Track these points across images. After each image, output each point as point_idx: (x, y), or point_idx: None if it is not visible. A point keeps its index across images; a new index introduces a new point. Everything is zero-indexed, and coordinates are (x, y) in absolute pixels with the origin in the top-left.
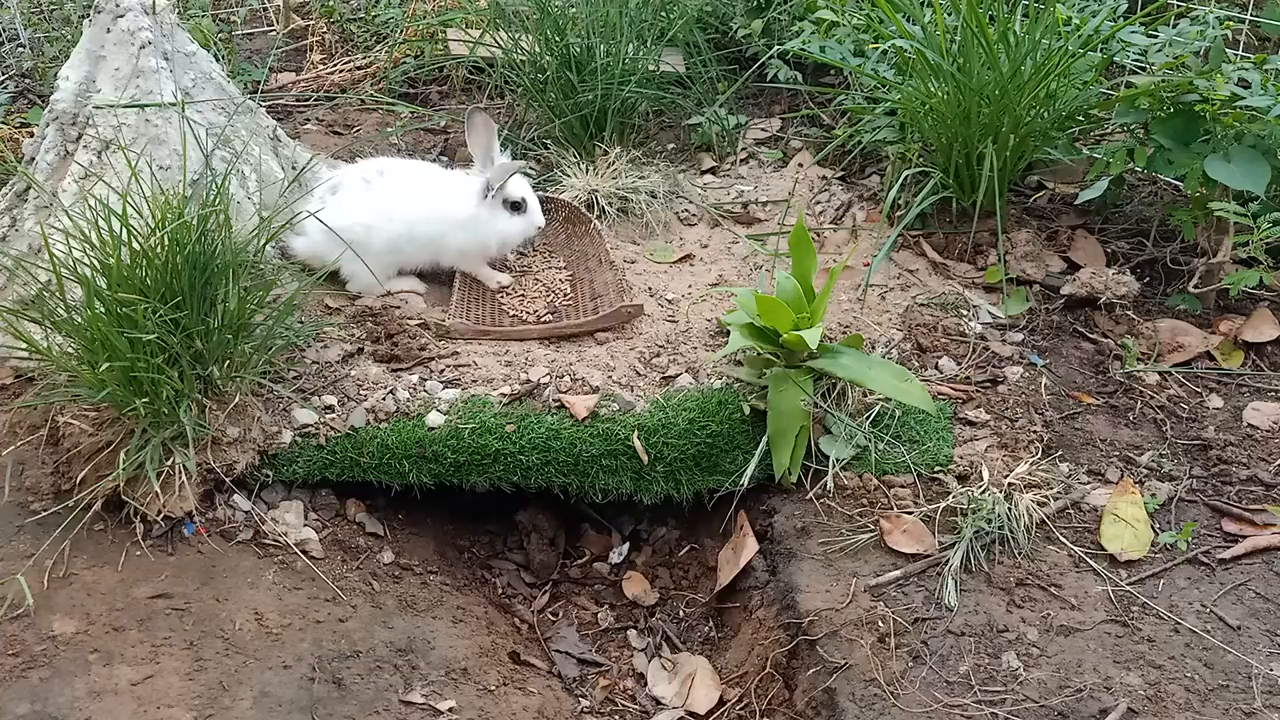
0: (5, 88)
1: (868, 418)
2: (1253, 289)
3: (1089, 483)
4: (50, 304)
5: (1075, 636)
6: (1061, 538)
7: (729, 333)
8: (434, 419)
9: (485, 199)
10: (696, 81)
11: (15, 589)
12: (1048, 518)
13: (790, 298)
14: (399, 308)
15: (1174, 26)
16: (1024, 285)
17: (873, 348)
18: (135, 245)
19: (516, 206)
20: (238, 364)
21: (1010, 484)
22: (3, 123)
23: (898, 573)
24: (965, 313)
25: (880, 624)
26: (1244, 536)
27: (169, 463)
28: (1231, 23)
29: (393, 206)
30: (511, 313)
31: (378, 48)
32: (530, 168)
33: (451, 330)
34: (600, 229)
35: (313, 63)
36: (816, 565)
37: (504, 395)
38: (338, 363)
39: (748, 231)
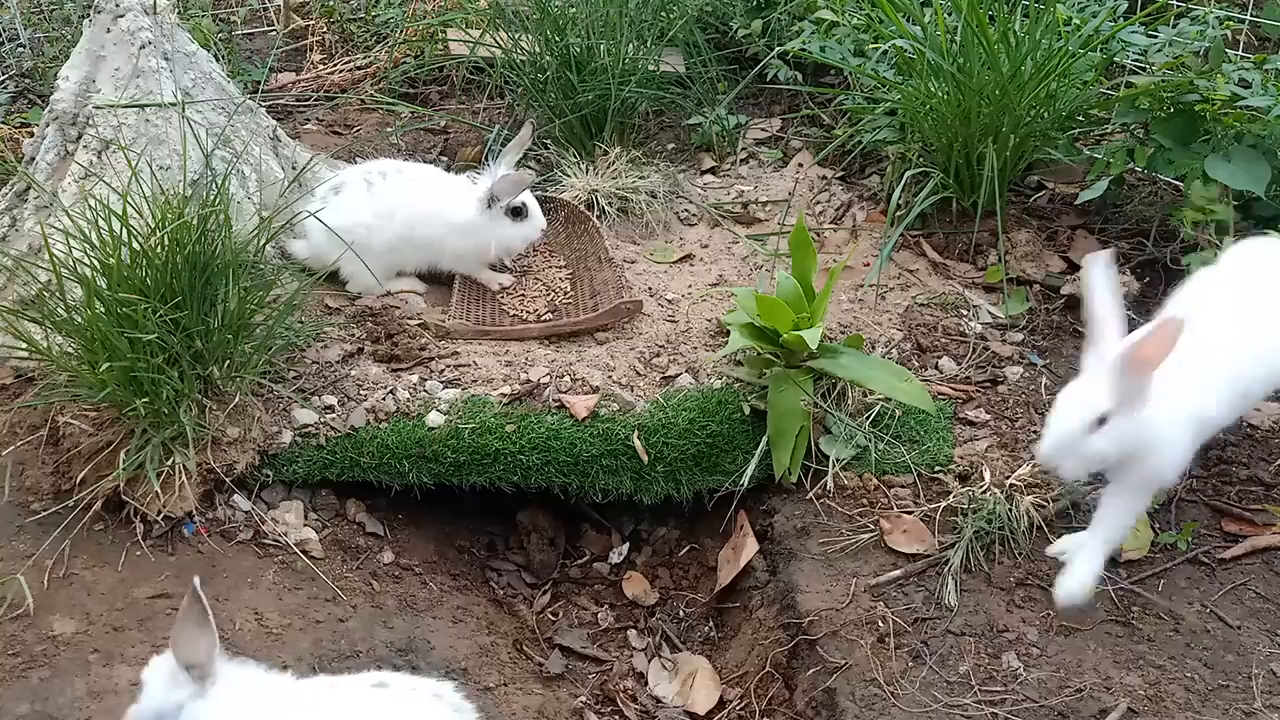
0: (5, 88)
1: (868, 418)
2: None
3: (1089, 483)
4: (50, 304)
5: (1075, 636)
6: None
7: (729, 333)
8: (434, 419)
9: (488, 208)
10: (696, 81)
11: (15, 589)
12: (1048, 518)
13: (790, 298)
14: (399, 308)
15: (1174, 26)
16: (1024, 285)
17: (873, 348)
18: (135, 245)
19: (517, 212)
20: (238, 364)
21: (1011, 484)
22: (3, 123)
23: (898, 573)
24: (965, 313)
25: (880, 624)
26: (1244, 536)
27: (169, 463)
28: (1231, 23)
29: (393, 208)
30: (512, 312)
31: (378, 48)
32: (530, 167)
33: (451, 330)
34: (599, 228)
35: (313, 63)
36: (816, 565)
37: (504, 395)
38: (338, 363)
39: (748, 231)
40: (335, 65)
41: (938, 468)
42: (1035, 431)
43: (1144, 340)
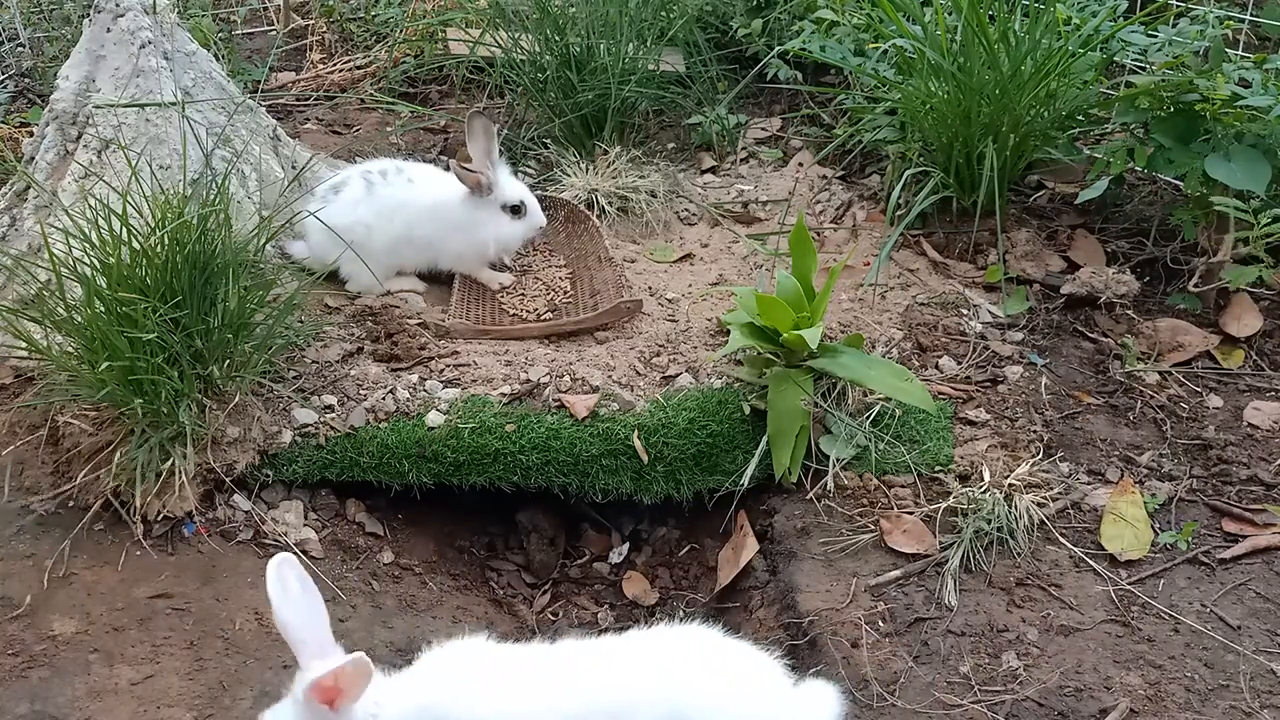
0: (5, 87)
1: (868, 417)
2: (1252, 287)
3: (1089, 483)
4: (50, 303)
5: (1075, 636)
6: (1061, 538)
7: (729, 332)
8: (434, 419)
9: (474, 199)
10: (696, 81)
11: (15, 589)
12: (1048, 518)
13: (790, 297)
14: (399, 307)
15: (1174, 26)
16: (1024, 285)
17: (873, 347)
18: (135, 245)
19: (516, 210)
20: (238, 363)
21: (1010, 484)
22: (3, 122)
23: (898, 573)
24: (965, 312)
25: (880, 624)
26: (1244, 536)
27: (169, 463)
28: (1231, 22)
29: (393, 207)
30: (511, 312)
31: (378, 47)
32: (530, 167)
33: (451, 329)
34: (599, 227)
35: (313, 62)
36: (817, 565)
37: (504, 395)
38: (338, 362)
39: (748, 231)
40: (335, 65)
41: (938, 468)
42: (1035, 431)
43: (328, 678)
